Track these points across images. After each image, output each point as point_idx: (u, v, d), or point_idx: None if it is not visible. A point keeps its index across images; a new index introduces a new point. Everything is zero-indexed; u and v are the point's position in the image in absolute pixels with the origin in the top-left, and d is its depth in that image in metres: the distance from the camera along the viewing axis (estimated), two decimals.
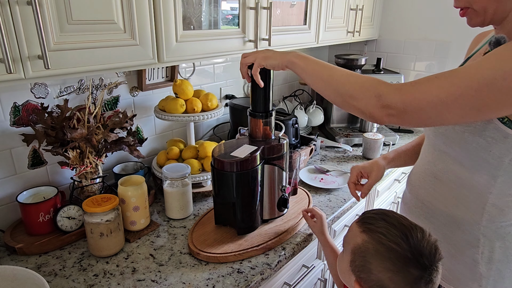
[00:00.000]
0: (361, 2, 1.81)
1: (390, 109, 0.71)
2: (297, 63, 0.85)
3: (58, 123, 1.06)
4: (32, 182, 1.12)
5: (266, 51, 0.91)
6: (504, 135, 0.74)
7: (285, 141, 1.06)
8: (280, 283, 1.07)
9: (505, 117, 0.72)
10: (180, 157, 1.33)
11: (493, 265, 0.85)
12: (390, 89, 0.71)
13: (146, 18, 0.90)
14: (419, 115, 0.70)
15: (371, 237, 0.70)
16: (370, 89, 0.73)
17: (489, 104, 0.65)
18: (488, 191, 0.81)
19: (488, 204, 0.82)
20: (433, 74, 0.71)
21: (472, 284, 0.87)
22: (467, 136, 0.78)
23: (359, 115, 0.77)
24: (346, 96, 0.77)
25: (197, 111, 1.26)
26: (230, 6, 1.18)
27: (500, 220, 0.82)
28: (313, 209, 1.08)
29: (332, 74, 0.80)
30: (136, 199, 1.04)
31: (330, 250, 1.02)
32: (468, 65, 0.68)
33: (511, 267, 0.85)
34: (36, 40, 0.72)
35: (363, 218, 0.76)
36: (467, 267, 0.87)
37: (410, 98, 0.69)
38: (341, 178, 1.45)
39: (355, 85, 0.76)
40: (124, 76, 1.29)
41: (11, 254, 0.98)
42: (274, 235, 1.05)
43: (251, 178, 0.99)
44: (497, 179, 0.79)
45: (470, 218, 0.85)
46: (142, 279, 0.90)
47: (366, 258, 0.70)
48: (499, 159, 0.77)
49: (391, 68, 2.15)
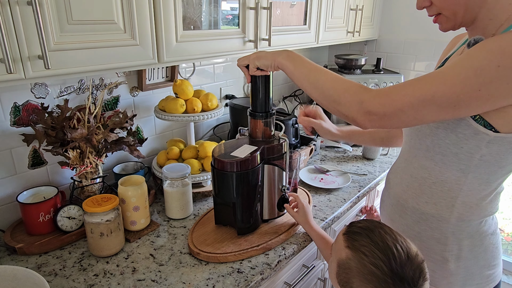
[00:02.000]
0: (361, 2, 1.81)
1: (372, 115, 0.75)
2: (286, 65, 0.87)
3: (58, 123, 1.06)
4: (32, 182, 1.12)
5: (259, 52, 0.94)
6: (475, 131, 0.76)
7: (285, 141, 1.06)
8: (280, 283, 1.07)
9: (477, 115, 0.74)
10: (180, 157, 1.33)
11: (461, 262, 0.87)
12: (371, 95, 0.75)
13: (146, 18, 0.90)
14: (399, 117, 0.73)
15: (354, 256, 0.71)
16: (353, 95, 0.77)
17: (464, 100, 0.68)
18: (458, 188, 0.83)
19: (458, 202, 0.84)
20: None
21: (442, 281, 0.90)
22: (440, 132, 0.81)
23: (344, 119, 0.81)
24: (330, 100, 0.81)
25: (197, 111, 1.27)
26: (230, 6, 1.18)
27: (469, 218, 0.85)
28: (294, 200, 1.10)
29: (318, 78, 0.83)
30: (136, 199, 1.04)
31: (317, 237, 1.02)
32: (444, 66, 0.72)
33: (479, 265, 0.88)
34: (36, 40, 0.72)
35: (349, 232, 0.76)
36: (437, 264, 0.90)
37: (389, 101, 0.73)
38: (341, 178, 1.45)
39: (339, 91, 0.79)
40: (124, 76, 1.29)
41: (11, 254, 0.98)
42: (274, 235, 1.05)
43: (251, 178, 0.99)
44: (468, 175, 0.81)
45: (439, 215, 0.87)
46: (142, 279, 0.90)
47: (349, 276, 0.71)
48: (469, 155, 0.79)
49: (391, 68, 2.15)
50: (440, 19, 0.81)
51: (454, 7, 0.76)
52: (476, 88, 0.66)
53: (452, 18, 0.79)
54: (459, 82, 0.67)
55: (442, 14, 0.79)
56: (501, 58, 0.64)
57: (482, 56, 0.67)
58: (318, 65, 0.86)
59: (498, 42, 0.67)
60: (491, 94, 0.67)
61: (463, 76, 0.67)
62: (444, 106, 0.69)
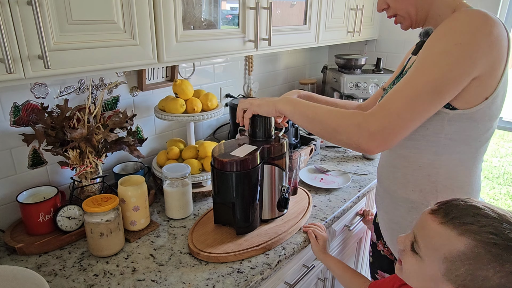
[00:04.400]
0: (361, 2, 1.81)
1: (374, 134, 0.77)
2: (285, 108, 0.94)
3: (58, 123, 1.06)
4: (32, 182, 1.12)
5: (260, 100, 1.01)
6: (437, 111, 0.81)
7: (285, 141, 1.06)
8: (280, 282, 1.07)
9: None
10: (180, 157, 1.33)
11: None
12: (366, 115, 0.79)
13: (146, 18, 0.90)
14: (399, 124, 0.76)
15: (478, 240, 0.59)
16: (348, 120, 0.81)
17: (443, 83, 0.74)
18: (436, 171, 0.89)
19: (439, 186, 0.89)
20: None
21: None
22: None
23: (349, 148, 0.84)
24: (330, 130, 0.85)
25: (197, 111, 1.26)
26: (230, 6, 1.18)
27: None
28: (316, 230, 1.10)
29: (315, 112, 0.88)
30: (136, 199, 1.04)
31: (334, 263, 1.04)
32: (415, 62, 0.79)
33: None
34: (36, 40, 0.72)
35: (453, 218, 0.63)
36: None
37: (384, 112, 0.77)
38: (341, 178, 1.45)
39: (336, 119, 0.84)
40: (124, 76, 1.29)
41: (11, 254, 0.98)
42: (274, 235, 1.05)
43: (251, 178, 0.99)
44: (441, 157, 0.87)
45: (427, 202, 0.91)
46: (142, 279, 0.90)
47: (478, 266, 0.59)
48: (436, 135, 0.85)
49: (391, 68, 2.15)
50: (398, 19, 0.93)
51: (406, 7, 0.88)
52: (448, 69, 0.73)
53: (407, 17, 0.90)
54: (433, 68, 0.74)
55: (399, 15, 0.91)
56: (457, 36, 0.73)
57: (440, 40, 0.76)
58: (315, 103, 0.92)
59: (448, 24, 0.77)
60: (461, 72, 0.74)
61: (433, 61, 0.74)
62: (432, 95, 0.75)
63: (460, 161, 0.87)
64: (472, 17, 0.75)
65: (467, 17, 0.75)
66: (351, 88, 1.88)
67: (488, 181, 3.87)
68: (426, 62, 0.76)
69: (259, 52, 1.29)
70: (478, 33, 0.73)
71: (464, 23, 0.75)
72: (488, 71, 0.76)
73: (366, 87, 1.87)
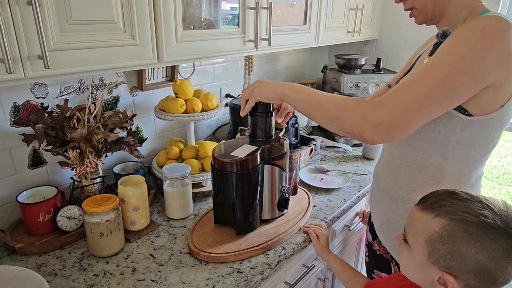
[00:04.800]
0: (361, 2, 1.81)
1: (378, 126, 0.75)
2: (287, 94, 0.91)
3: (58, 123, 1.06)
4: (32, 182, 1.12)
5: (260, 85, 0.96)
6: (450, 116, 0.81)
7: (285, 141, 1.06)
8: (280, 282, 1.07)
9: None
10: (180, 157, 1.33)
11: None
12: (372, 106, 0.77)
13: (146, 18, 0.90)
14: (405, 121, 0.74)
15: (451, 219, 0.63)
16: (354, 109, 0.79)
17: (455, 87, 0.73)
18: (441, 173, 0.88)
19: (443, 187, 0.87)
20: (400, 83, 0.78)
21: None
22: None
23: (350, 137, 0.81)
24: (333, 118, 0.82)
25: (197, 111, 1.26)
26: (230, 6, 1.18)
27: None
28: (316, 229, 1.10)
29: (318, 99, 0.85)
30: (136, 199, 1.04)
31: (336, 261, 1.05)
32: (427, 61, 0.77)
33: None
34: (36, 40, 0.72)
35: (430, 204, 0.68)
36: None
37: (392, 107, 0.74)
38: (341, 178, 1.45)
39: (340, 107, 0.81)
40: (124, 76, 1.29)
41: (11, 254, 0.98)
42: (274, 235, 1.05)
43: (251, 178, 0.99)
44: (448, 160, 0.87)
45: None
46: (142, 279, 0.90)
47: (454, 243, 0.62)
48: (446, 139, 0.84)
49: (391, 68, 2.15)
50: (413, 13, 0.91)
51: (425, 1, 0.86)
52: (462, 73, 0.72)
53: (423, 12, 0.88)
54: (448, 70, 0.72)
55: (415, 8, 0.89)
56: (475, 42, 0.72)
57: (459, 43, 0.74)
58: (317, 90, 0.90)
59: (469, 29, 0.75)
60: (474, 77, 0.72)
61: (448, 63, 0.73)
62: (441, 98, 0.73)
63: (466, 164, 0.87)
64: (494, 24, 0.73)
65: (489, 24, 0.73)
66: (351, 88, 1.88)
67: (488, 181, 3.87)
68: (440, 62, 0.74)
69: (259, 52, 1.29)
70: (497, 42, 0.72)
71: (485, 30, 0.73)
72: (505, 79, 0.75)
73: (366, 87, 1.87)
